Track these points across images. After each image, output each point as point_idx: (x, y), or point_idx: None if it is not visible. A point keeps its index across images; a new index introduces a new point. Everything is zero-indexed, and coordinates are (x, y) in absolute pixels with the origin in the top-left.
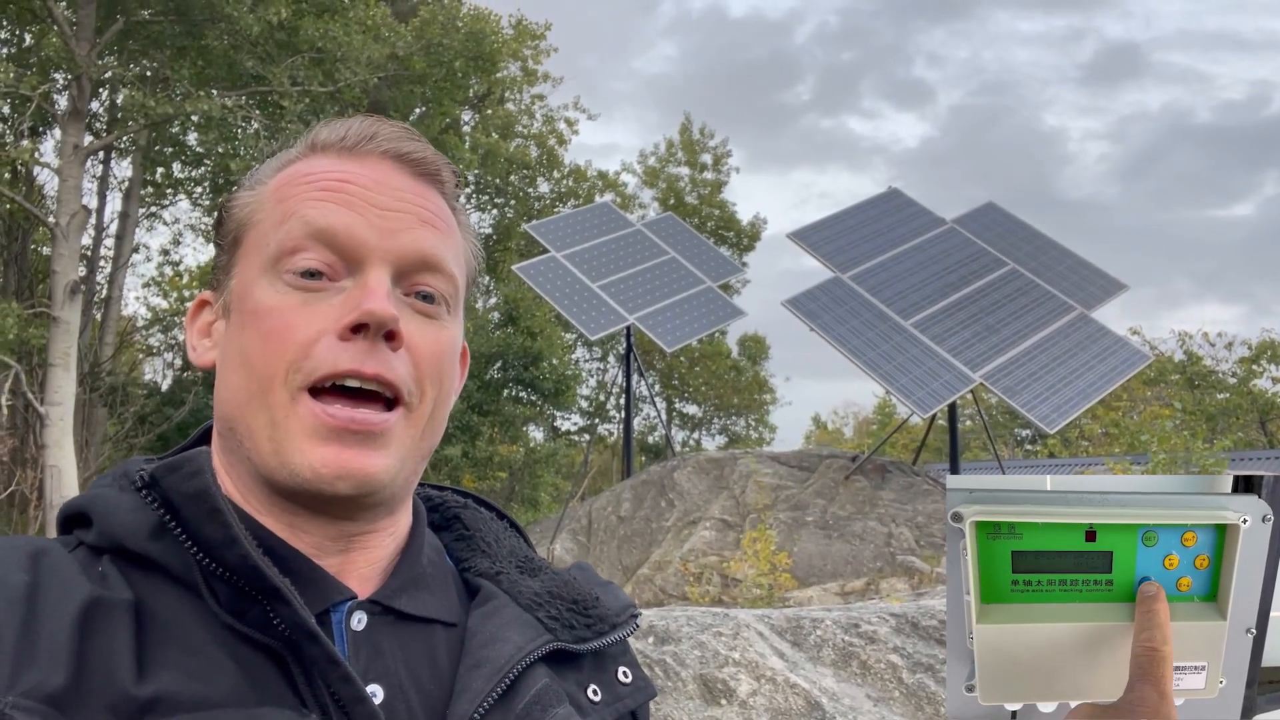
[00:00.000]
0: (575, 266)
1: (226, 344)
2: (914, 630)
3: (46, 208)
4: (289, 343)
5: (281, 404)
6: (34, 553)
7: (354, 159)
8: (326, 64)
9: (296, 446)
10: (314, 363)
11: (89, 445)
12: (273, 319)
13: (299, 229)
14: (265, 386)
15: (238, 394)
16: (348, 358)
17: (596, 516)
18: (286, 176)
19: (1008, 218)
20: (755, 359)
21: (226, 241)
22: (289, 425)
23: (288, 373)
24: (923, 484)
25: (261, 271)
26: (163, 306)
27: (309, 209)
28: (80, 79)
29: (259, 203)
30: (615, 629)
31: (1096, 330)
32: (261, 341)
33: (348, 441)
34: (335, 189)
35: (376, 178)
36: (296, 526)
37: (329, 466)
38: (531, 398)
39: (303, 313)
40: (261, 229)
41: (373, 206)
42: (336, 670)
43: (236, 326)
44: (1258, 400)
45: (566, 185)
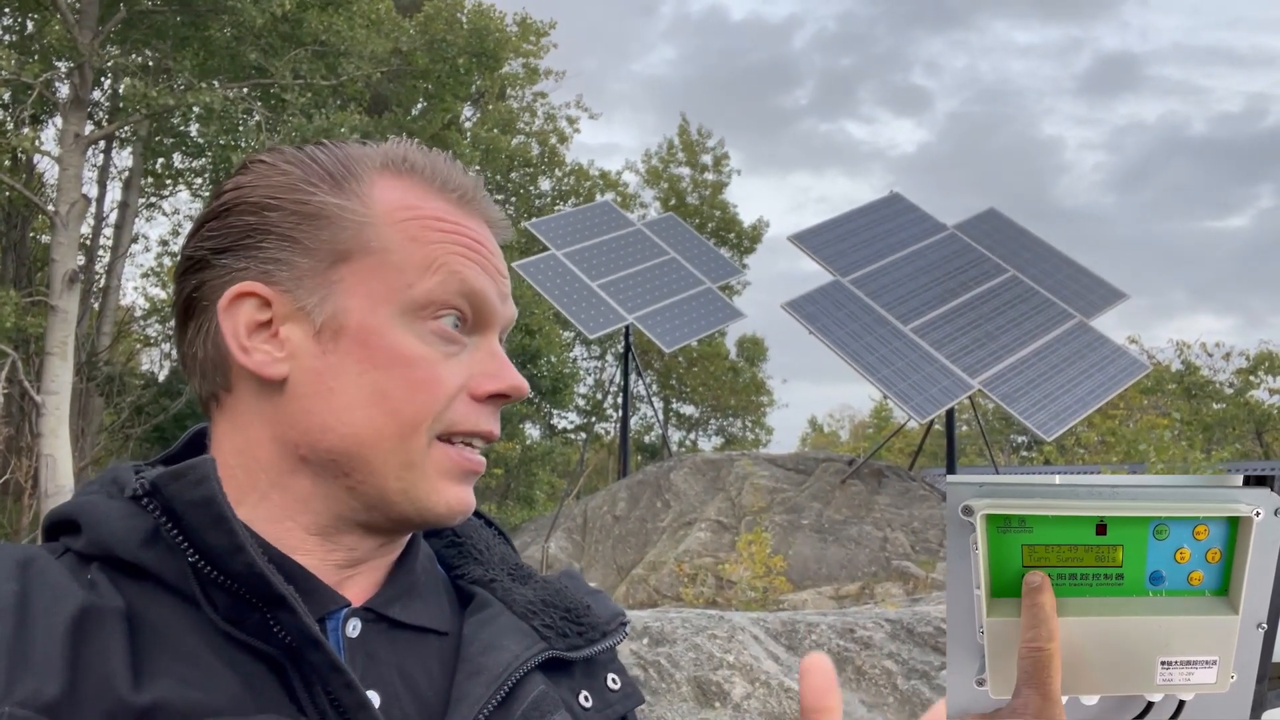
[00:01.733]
0: (575, 265)
1: (333, 371)
2: (909, 636)
3: (46, 196)
4: (438, 396)
5: (419, 448)
6: (22, 561)
7: (467, 213)
8: (330, 57)
9: (431, 486)
10: (454, 417)
11: (85, 435)
12: (421, 369)
13: (453, 286)
14: (407, 431)
15: (365, 431)
16: (485, 420)
17: (592, 515)
18: (403, 208)
19: (1009, 224)
20: (753, 361)
21: (318, 247)
22: (424, 467)
23: (432, 423)
24: (919, 489)
25: (400, 311)
26: (161, 297)
27: (459, 266)
28: (82, 68)
29: (373, 226)
30: (606, 637)
31: (1095, 339)
32: (409, 388)
33: (469, 481)
34: (473, 249)
35: (489, 241)
36: (341, 545)
37: (460, 504)
38: (529, 395)
39: (447, 367)
40: (389, 261)
41: (499, 274)
42: (339, 677)
43: (361, 360)
44: (1254, 411)
45: (568, 184)
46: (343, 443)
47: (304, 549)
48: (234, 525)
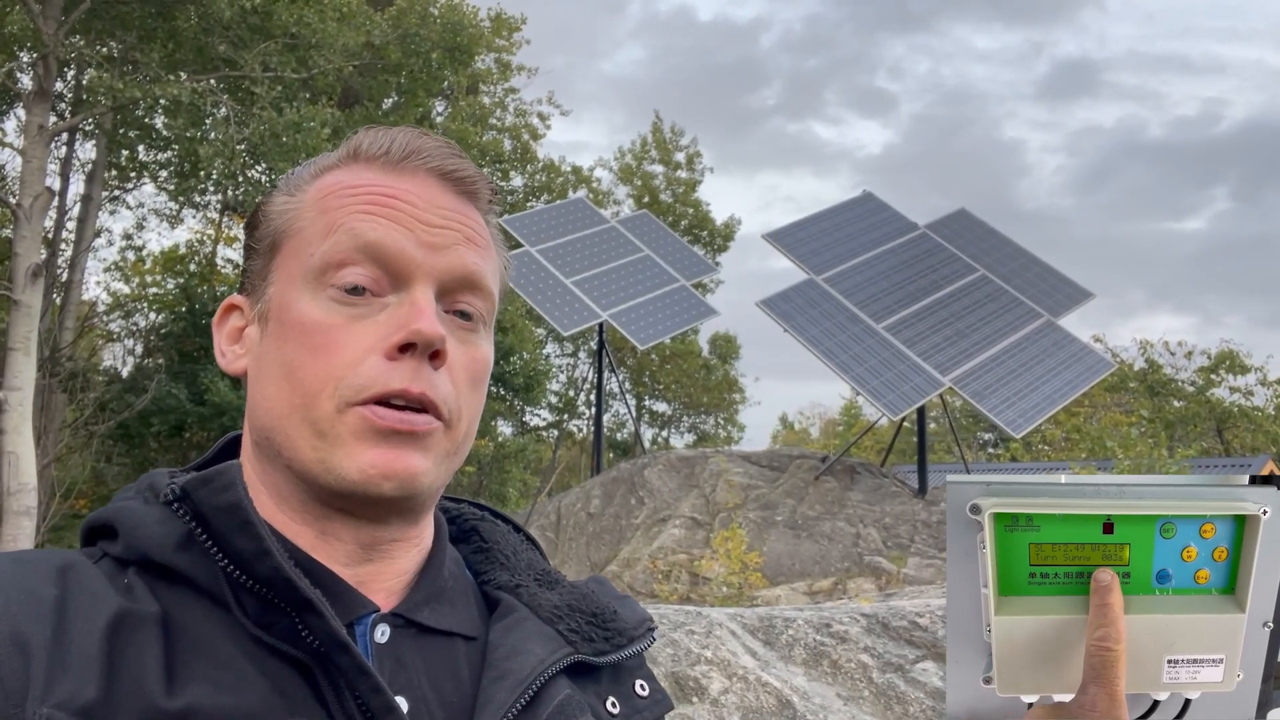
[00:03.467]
0: (549, 262)
1: (264, 354)
2: (884, 631)
3: (8, 189)
4: (337, 360)
5: (327, 415)
6: (62, 566)
7: (398, 173)
8: (300, 50)
9: (345, 451)
10: (362, 380)
11: (48, 431)
12: (319, 335)
13: (347, 242)
14: (310, 400)
15: (278, 405)
16: (397, 377)
17: (566, 513)
18: (328, 185)
19: (978, 224)
20: (726, 358)
21: (262, 246)
22: (336, 432)
23: (336, 388)
24: (890, 485)
25: (305, 283)
26: (124, 292)
27: (357, 222)
28: (46, 58)
29: (299, 210)
30: (633, 642)
31: (1063, 337)
32: (309, 356)
33: (394, 442)
34: (383, 203)
35: (423, 194)
36: (328, 534)
37: (376, 467)
38: (501, 392)
39: (350, 329)
40: (303, 238)
41: (420, 223)
42: (367, 681)
43: (276, 337)
44: (1215, 409)
45: (540, 180)
46: (266, 419)
47: (308, 545)
48: (260, 530)
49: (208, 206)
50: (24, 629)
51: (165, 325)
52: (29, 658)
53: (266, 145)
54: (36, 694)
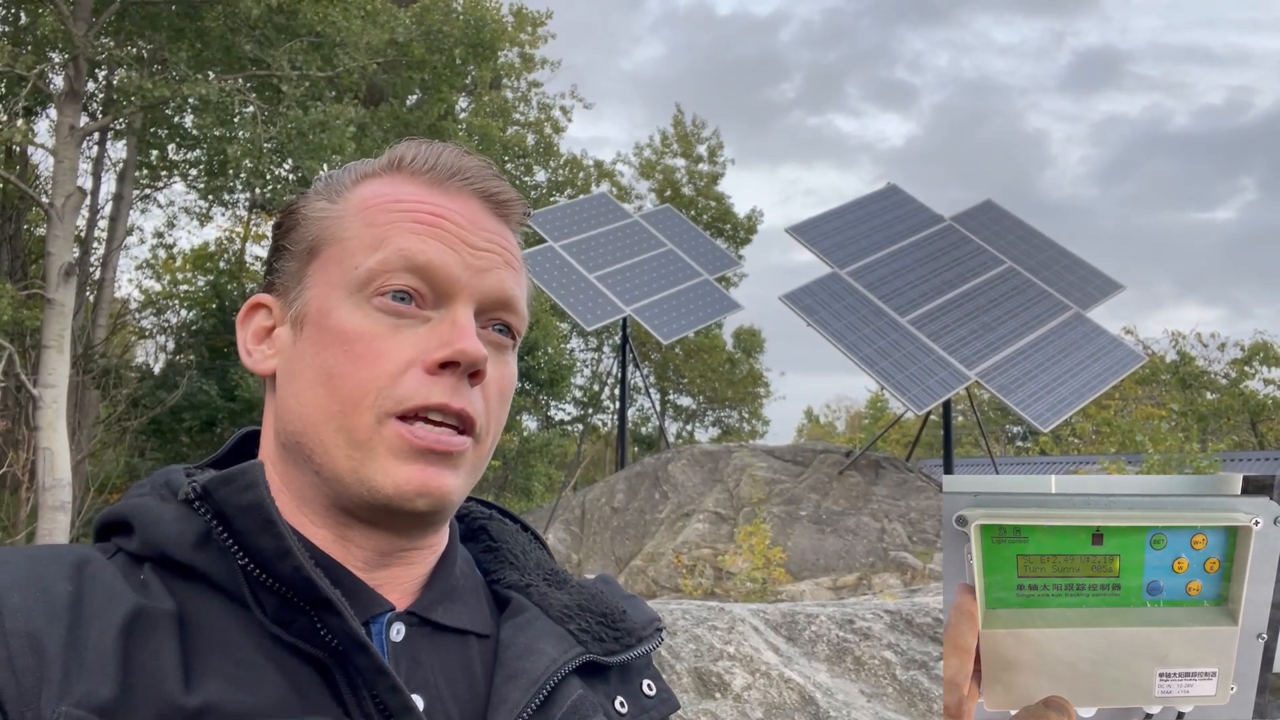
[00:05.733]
0: (572, 257)
1: (298, 357)
2: (908, 627)
3: (41, 188)
4: (379, 370)
5: (365, 426)
6: (77, 562)
7: (443, 192)
8: (325, 48)
9: (380, 466)
10: (403, 392)
11: (81, 428)
12: (363, 344)
13: (395, 260)
14: (349, 408)
15: (314, 411)
16: (438, 392)
17: (590, 507)
18: (373, 196)
19: (1005, 216)
20: (750, 352)
21: (299, 249)
22: (373, 445)
23: (376, 398)
24: (916, 480)
25: (348, 292)
26: (156, 289)
27: (406, 240)
28: (77, 59)
29: (342, 218)
30: (641, 642)
31: (1092, 330)
32: (350, 364)
33: (430, 460)
34: (431, 222)
35: (468, 215)
36: (350, 540)
37: (412, 484)
38: (526, 387)
39: (392, 340)
40: (347, 248)
41: (465, 245)
42: (385, 680)
43: (314, 342)
44: (1249, 402)
45: (563, 175)
46: (299, 424)
47: (325, 546)
48: (282, 529)
49: (236, 204)
50: (39, 626)
51: (196, 322)
52: (43, 655)
53: (293, 144)
54: (52, 692)
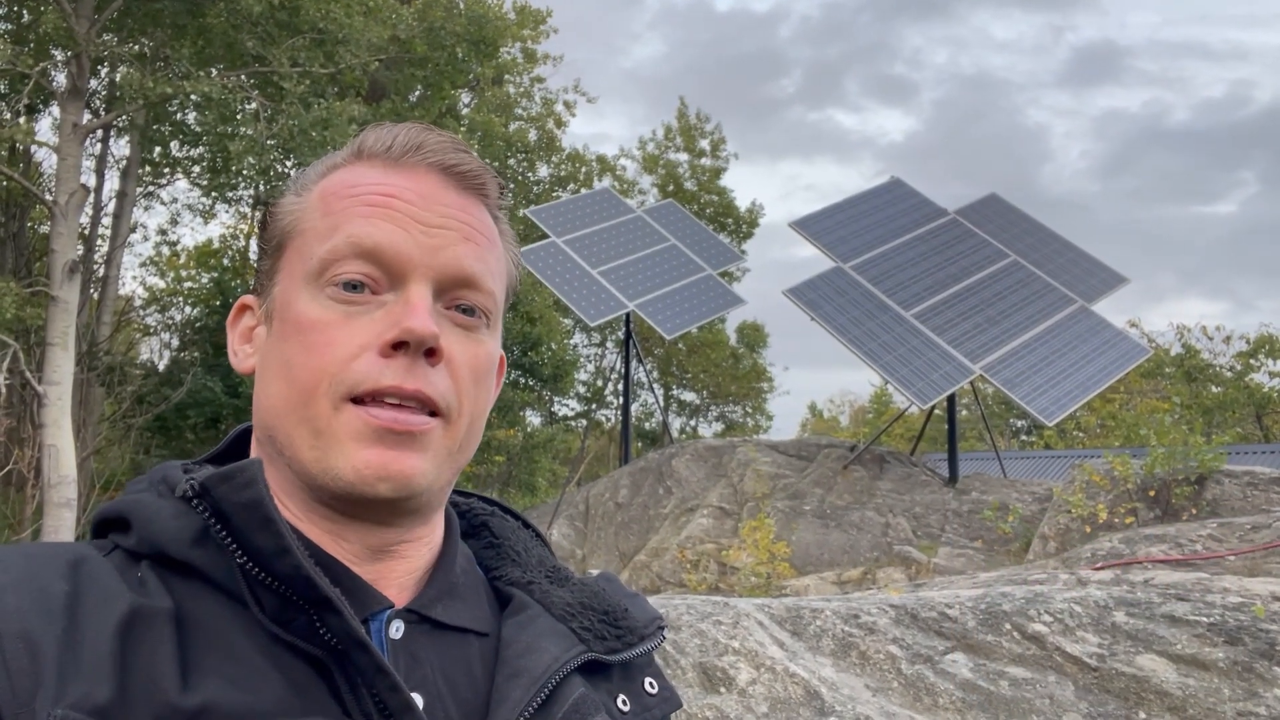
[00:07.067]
0: (575, 252)
1: (267, 352)
2: (913, 622)
3: (44, 186)
4: (331, 356)
5: (324, 413)
6: (73, 561)
7: (400, 170)
8: (327, 45)
9: (340, 450)
10: (356, 377)
11: (86, 425)
12: (315, 332)
13: (344, 245)
14: (306, 397)
15: (278, 403)
16: (390, 374)
17: (594, 502)
18: (332, 185)
19: (1010, 209)
20: (754, 347)
21: (270, 247)
22: (332, 431)
23: (330, 385)
24: (920, 474)
25: (305, 283)
26: (160, 286)
27: (355, 225)
28: (79, 57)
29: (304, 211)
30: (643, 640)
31: (1097, 323)
32: (304, 353)
33: (390, 443)
34: (381, 204)
35: (422, 192)
36: (336, 534)
37: (371, 468)
38: (530, 382)
39: (345, 327)
40: (305, 239)
41: (418, 223)
42: (385, 679)
43: (278, 336)
44: (1254, 394)
45: (565, 170)
46: (269, 418)
47: (320, 542)
48: (281, 527)
49: (240, 201)
50: (34, 627)
51: (200, 319)
52: (39, 657)
53: (295, 141)
54: (48, 694)
